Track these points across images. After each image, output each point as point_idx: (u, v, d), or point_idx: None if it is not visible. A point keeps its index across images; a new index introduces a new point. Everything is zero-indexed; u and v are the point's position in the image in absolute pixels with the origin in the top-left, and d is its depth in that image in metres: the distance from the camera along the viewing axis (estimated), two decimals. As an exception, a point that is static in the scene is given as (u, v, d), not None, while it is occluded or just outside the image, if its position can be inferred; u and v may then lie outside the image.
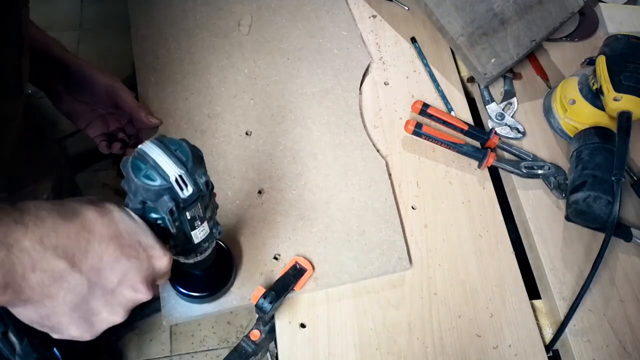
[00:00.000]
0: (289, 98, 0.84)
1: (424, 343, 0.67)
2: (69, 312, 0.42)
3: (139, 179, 0.43)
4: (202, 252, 0.55)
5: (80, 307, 0.42)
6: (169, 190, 0.44)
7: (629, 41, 0.78)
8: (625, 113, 0.74)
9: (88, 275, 0.42)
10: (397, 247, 0.72)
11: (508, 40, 0.87)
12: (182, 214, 0.46)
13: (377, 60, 0.91)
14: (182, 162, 0.44)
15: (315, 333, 0.67)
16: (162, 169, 0.43)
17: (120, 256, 0.43)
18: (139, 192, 0.44)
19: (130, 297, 0.45)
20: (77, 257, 0.41)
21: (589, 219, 0.73)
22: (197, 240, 0.51)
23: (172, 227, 0.47)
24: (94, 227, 0.42)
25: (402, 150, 0.82)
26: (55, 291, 0.40)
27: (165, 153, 0.44)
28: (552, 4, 0.89)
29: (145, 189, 0.44)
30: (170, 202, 0.44)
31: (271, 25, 0.92)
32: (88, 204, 0.43)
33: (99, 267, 0.42)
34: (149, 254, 0.45)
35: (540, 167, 0.80)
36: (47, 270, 0.39)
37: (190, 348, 1.51)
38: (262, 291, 0.63)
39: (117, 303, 0.44)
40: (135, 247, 0.44)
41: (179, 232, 0.48)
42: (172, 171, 0.44)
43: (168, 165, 0.44)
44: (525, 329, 0.70)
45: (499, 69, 0.87)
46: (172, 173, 0.43)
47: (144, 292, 0.45)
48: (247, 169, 0.77)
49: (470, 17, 0.87)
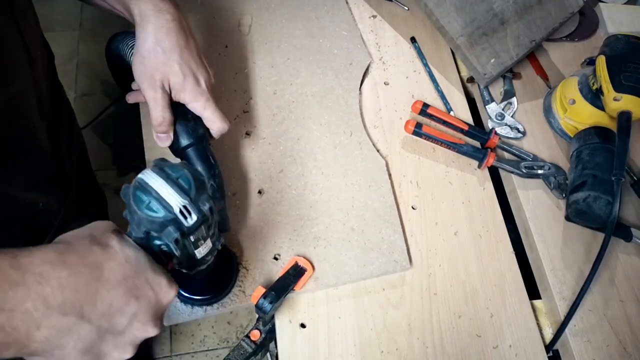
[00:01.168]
0: (289, 98, 0.84)
1: (424, 343, 0.67)
2: (80, 357, 0.41)
3: (142, 212, 0.43)
4: (205, 263, 0.55)
5: (90, 352, 0.42)
6: (174, 221, 0.43)
7: (629, 41, 0.78)
8: (625, 113, 0.74)
9: (98, 323, 0.41)
10: (397, 247, 0.72)
11: (508, 40, 0.87)
12: (187, 239, 0.46)
13: (377, 60, 0.91)
14: (184, 192, 0.44)
15: (315, 333, 0.67)
16: (166, 200, 0.43)
17: (130, 299, 0.43)
18: (142, 224, 0.44)
19: (140, 336, 0.45)
20: (85, 308, 0.40)
21: (589, 219, 0.73)
22: (200, 256, 0.51)
23: (177, 251, 0.47)
24: (102, 274, 0.41)
25: (402, 150, 0.82)
26: (65, 342, 0.40)
27: (168, 183, 0.43)
28: (552, 4, 0.89)
29: (150, 221, 0.43)
30: (175, 232, 0.43)
31: (271, 25, 0.92)
32: (92, 245, 0.42)
33: (109, 313, 0.42)
34: (156, 291, 0.45)
35: (540, 167, 0.80)
36: (54, 327, 0.39)
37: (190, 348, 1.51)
38: (262, 291, 0.63)
39: (127, 343, 0.44)
40: (143, 286, 0.44)
41: (183, 253, 0.48)
42: (176, 202, 0.43)
43: (171, 195, 0.43)
44: (525, 329, 0.70)
45: (499, 69, 0.87)
46: (176, 204, 0.43)
47: (152, 329, 0.45)
48: (247, 169, 0.77)
49: (470, 17, 0.87)
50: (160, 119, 0.64)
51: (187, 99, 0.66)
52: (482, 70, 0.86)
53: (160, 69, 0.63)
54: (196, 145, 0.66)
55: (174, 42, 0.64)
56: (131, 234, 0.46)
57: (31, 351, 0.39)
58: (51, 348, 0.39)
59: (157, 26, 0.63)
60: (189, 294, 0.65)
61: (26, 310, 0.37)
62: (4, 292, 0.37)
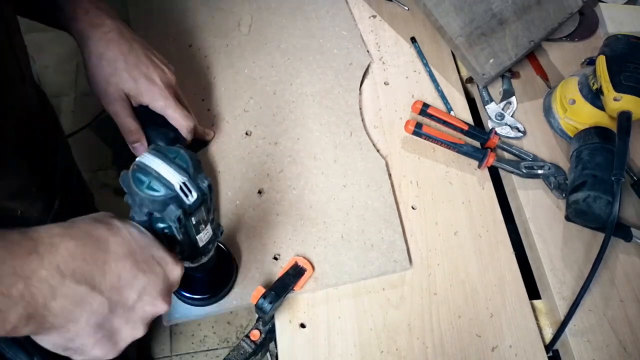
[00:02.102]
0: (289, 98, 0.84)
1: (424, 343, 0.67)
2: (93, 333, 0.42)
3: (143, 192, 0.43)
4: (207, 253, 0.55)
5: (103, 327, 0.43)
6: (175, 198, 0.44)
7: (629, 41, 0.78)
8: (625, 113, 0.74)
9: (109, 295, 0.42)
10: (397, 247, 0.72)
11: (506, 40, 0.87)
12: (189, 219, 0.47)
13: (377, 60, 0.91)
14: (183, 169, 0.45)
15: (315, 333, 0.67)
16: (166, 178, 0.44)
17: (137, 272, 0.43)
18: (145, 204, 0.44)
19: (150, 311, 0.45)
20: (96, 279, 0.41)
21: (589, 219, 0.73)
22: (202, 244, 0.52)
23: (179, 234, 0.47)
24: (108, 246, 0.42)
25: (402, 150, 0.82)
26: (79, 315, 0.41)
27: (166, 162, 0.44)
28: (551, 4, 0.89)
29: (151, 201, 0.44)
30: (177, 210, 0.44)
31: (271, 25, 0.92)
32: (96, 222, 0.43)
33: (119, 286, 0.42)
34: (163, 266, 0.46)
35: (540, 167, 0.80)
36: (68, 296, 0.39)
37: (190, 348, 1.51)
38: (262, 291, 0.63)
39: (138, 318, 0.45)
40: (149, 262, 0.44)
41: (185, 237, 0.49)
42: (176, 179, 0.44)
43: (170, 174, 0.44)
44: (525, 329, 0.70)
45: (498, 69, 0.87)
46: (176, 181, 0.44)
47: (162, 304, 0.46)
48: (247, 169, 0.77)
49: (469, 17, 0.87)
50: (127, 129, 0.65)
51: (147, 101, 0.66)
52: (481, 71, 0.86)
53: (110, 81, 0.64)
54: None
55: (116, 51, 0.64)
56: (133, 217, 0.46)
57: (48, 325, 0.39)
58: (66, 322, 0.40)
59: (95, 41, 0.64)
60: (190, 293, 0.65)
61: (42, 278, 0.38)
62: (21, 259, 0.37)
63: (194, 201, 0.45)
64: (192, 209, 0.46)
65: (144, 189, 0.44)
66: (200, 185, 0.46)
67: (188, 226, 0.48)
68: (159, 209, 0.44)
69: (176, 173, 0.44)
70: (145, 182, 0.44)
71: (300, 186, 0.76)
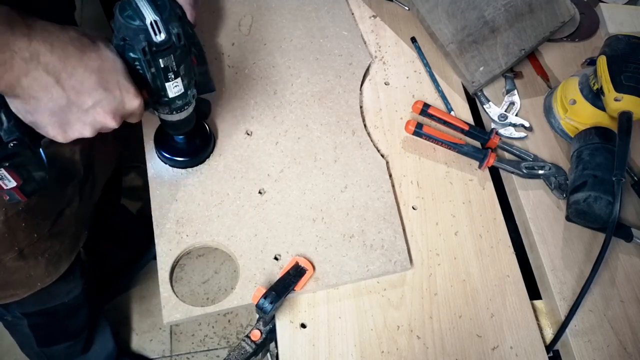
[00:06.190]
0: (289, 98, 0.84)
1: (424, 343, 0.67)
2: (48, 116, 0.51)
3: (122, 18, 0.52)
4: (178, 110, 0.63)
5: (57, 115, 0.51)
6: (144, 31, 0.52)
7: (629, 41, 0.78)
8: (625, 113, 0.74)
9: (68, 93, 0.50)
10: (398, 247, 0.72)
11: (497, 48, 0.87)
12: (156, 59, 0.54)
13: (377, 60, 0.91)
14: (159, 11, 0.52)
15: (315, 333, 0.67)
16: (142, 12, 0.52)
17: (99, 87, 0.51)
18: (121, 30, 0.53)
19: (99, 120, 0.53)
20: (62, 76, 0.49)
21: (590, 219, 0.73)
22: (171, 95, 0.59)
23: (147, 71, 0.55)
24: (83, 57, 0.50)
25: (403, 150, 0.82)
26: (40, 96, 0.49)
27: (147, 1, 0.52)
28: (544, 12, 0.88)
29: (125, 27, 0.52)
30: (143, 41, 0.52)
31: (271, 26, 0.92)
32: (84, 37, 0.51)
33: (79, 90, 0.50)
34: (123, 93, 0.53)
35: (540, 167, 0.80)
36: (37, 79, 0.48)
37: (190, 348, 1.51)
38: (263, 291, 0.63)
39: (88, 121, 0.53)
40: (113, 83, 0.52)
41: (154, 80, 0.56)
42: (149, 16, 0.52)
43: (146, 10, 0.52)
44: (525, 329, 0.70)
45: (487, 77, 0.87)
46: (149, 17, 0.52)
47: (111, 121, 0.54)
48: (247, 169, 0.77)
49: (461, 24, 0.86)
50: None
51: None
52: (471, 78, 0.86)
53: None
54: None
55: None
56: (113, 41, 0.54)
57: (15, 93, 0.48)
58: (29, 97, 0.49)
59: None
60: (170, 155, 0.74)
61: (24, 58, 0.46)
62: (16, 37, 0.45)
63: (161, 41, 0.53)
64: (159, 48, 0.53)
65: (123, 15, 0.52)
66: (170, 29, 0.53)
67: (157, 67, 0.55)
68: (130, 36, 0.52)
69: (152, 12, 0.52)
70: (126, 11, 0.52)
71: (300, 186, 0.76)
